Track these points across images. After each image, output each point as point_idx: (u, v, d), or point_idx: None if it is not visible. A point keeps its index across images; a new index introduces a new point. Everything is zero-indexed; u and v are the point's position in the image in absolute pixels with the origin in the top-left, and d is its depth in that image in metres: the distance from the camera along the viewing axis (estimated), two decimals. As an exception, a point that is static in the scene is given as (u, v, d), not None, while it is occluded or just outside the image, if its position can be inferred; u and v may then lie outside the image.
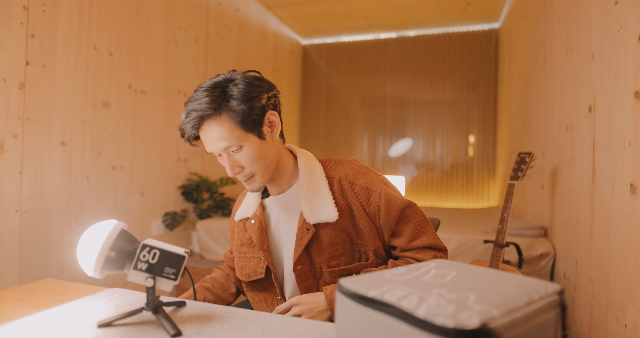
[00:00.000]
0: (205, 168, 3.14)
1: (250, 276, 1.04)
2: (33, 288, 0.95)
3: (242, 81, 0.91)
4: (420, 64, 4.65)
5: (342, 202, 0.96)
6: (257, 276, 1.03)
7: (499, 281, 0.52)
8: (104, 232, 0.73)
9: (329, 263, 0.95)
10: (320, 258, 0.95)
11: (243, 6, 3.68)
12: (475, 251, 2.24)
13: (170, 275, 0.75)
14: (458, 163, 4.53)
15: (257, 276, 1.02)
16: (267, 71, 4.20)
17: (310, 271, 0.96)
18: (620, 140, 1.31)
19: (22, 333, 0.69)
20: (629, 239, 1.23)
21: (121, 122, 2.30)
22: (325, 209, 0.94)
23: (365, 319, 0.50)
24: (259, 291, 1.06)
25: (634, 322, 1.19)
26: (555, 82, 2.12)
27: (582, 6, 1.69)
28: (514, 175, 2.01)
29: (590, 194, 1.57)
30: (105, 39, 2.17)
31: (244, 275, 1.05)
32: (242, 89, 0.89)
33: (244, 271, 1.05)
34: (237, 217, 1.08)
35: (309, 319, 0.85)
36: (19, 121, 1.74)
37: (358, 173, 0.99)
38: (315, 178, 0.98)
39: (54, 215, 1.91)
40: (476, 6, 3.92)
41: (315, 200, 0.95)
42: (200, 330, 0.72)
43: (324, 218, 0.93)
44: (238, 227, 1.09)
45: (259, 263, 1.02)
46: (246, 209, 1.06)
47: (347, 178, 0.99)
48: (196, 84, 3.00)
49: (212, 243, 2.69)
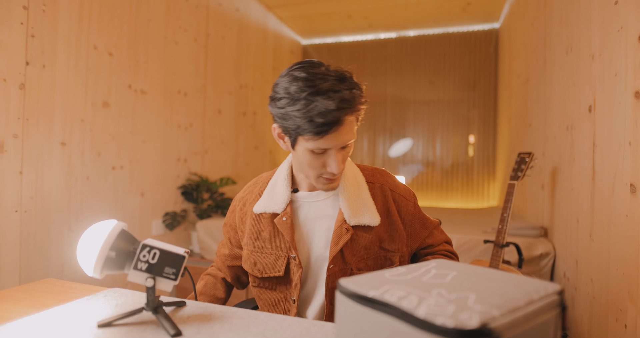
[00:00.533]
0: (205, 168, 3.14)
1: (264, 273, 1.00)
2: (33, 288, 0.95)
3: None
4: (420, 64, 4.65)
5: (381, 208, 0.99)
6: (274, 273, 0.99)
7: (499, 281, 0.52)
8: (104, 232, 0.73)
9: (358, 265, 0.96)
10: (352, 260, 0.95)
11: (243, 6, 3.68)
12: (475, 251, 2.24)
13: (170, 275, 0.75)
14: (458, 163, 4.54)
15: (275, 273, 0.98)
16: (267, 71, 4.20)
17: (341, 271, 0.95)
18: (620, 140, 1.31)
19: (22, 333, 0.69)
20: (629, 239, 1.23)
21: (121, 122, 2.30)
22: (367, 213, 0.95)
23: (365, 319, 0.50)
24: (268, 288, 1.02)
25: (634, 322, 1.19)
26: (555, 82, 2.12)
27: (582, 6, 1.69)
28: (514, 175, 2.01)
29: (590, 194, 1.57)
30: (105, 39, 2.18)
31: (257, 270, 1.01)
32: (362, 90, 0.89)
33: (258, 266, 1.01)
34: (259, 209, 1.01)
35: (309, 319, 0.85)
36: (19, 121, 1.74)
37: (395, 182, 1.06)
38: (357, 182, 1.00)
39: (54, 215, 1.91)
40: (476, 6, 3.92)
41: (358, 203, 0.96)
42: (200, 330, 0.72)
43: (367, 221, 0.95)
44: (253, 219, 1.03)
45: (277, 260, 0.98)
46: (271, 203, 1.00)
47: (387, 185, 1.03)
48: (196, 84, 3.00)
49: (212, 243, 2.69)
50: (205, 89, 3.13)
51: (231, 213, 1.12)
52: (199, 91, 3.04)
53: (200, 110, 3.07)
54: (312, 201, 1.01)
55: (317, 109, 0.80)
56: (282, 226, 0.97)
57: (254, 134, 3.93)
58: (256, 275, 1.02)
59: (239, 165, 3.65)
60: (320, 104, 0.80)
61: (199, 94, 3.04)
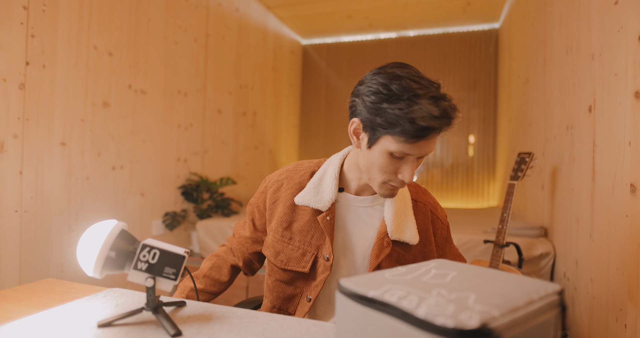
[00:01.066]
0: (205, 168, 3.14)
1: (288, 265, 0.97)
2: (33, 288, 0.95)
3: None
4: (420, 64, 4.64)
5: (421, 227, 0.98)
6: (299, 268, 0.96)
7: (499, 281, 0.52)
8: (104, 232, 0.73)
9: None
10: None
11: (243, 6, 3.68)
12: (475, 251, 2.24)
13: (170, 275, 0.75)
14: (458, 163, 4.54)
15: (300, 268, 0.95)
16: (267, 71, 4.20)
17: None
18: (620, 140, 1.31)
19: (22, 333, 0.69)
20: (629, 239, 1.23)
21: (121, 122, 2.30)
22: (409, 231, 0.95)
23: (365, 319, 0.50)
24: (285, 281, 0.99)
25: (634, 322, 1.19)
26: (555, 82, 2.12)
27: (582, 6, 1.69)
28: (514, 175, 2.01)
29: (590, 194, 1.57)
30: (105, 39, 2.18)
31: (279, 260, 0.98)
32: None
33: (281, 256, 0.98)
34: (302, 201, 0.96)
35: (309, 319, 0.85)
36: (19, 121, 1.74)
37: (436, 203, 1.06)
38: (404, 197, 0.98)
39: (54, 215, 1.91)
40: (476, 6, 3.92)
41: (402, 218, 0.95)
42: (200, 330, 0.72)
43: (407, 239, 0.94)
44: (287, 207, 0.99)
45: (304, 256, 0.96)
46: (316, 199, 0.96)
47: (429, 205, 1.02)
48: (196, 84, 3.00)
49: (212, 243, 2.69)
50: (205, 89, 3.13)
51: (260, 194, 1.06)
52: (199, 91, 3.04)
53: (200, 110, 3.07)
54: (357, 205, 0.98)
55: (420, 112, 0.77)
56: (325, 226, 0.94)
57: (254, 134, 3.93)
58: (278, 265, 0.98)
59: (239, 165, 3.65)
60: (425, 108, 0.77)
61: (199, 94, 3.04)
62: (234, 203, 3.21)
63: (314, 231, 0.96)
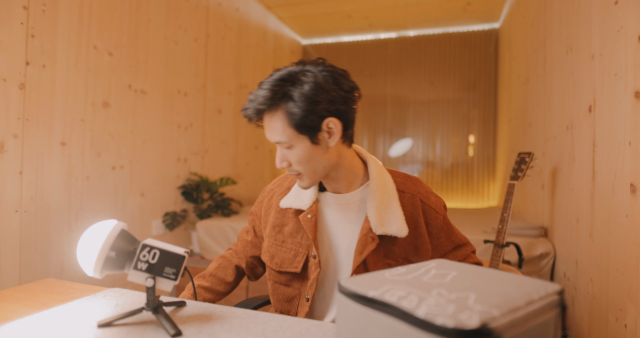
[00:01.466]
0: (205, 168, 3.14)
1: (282, 267, 0.99)
2: (33, 288, 0.95)
3: (312, 80, 0.84)
4: (420, 64, 4.65)
5: (409, 219, 0.95)
6: (291, 269, 0.98)
7: (499, 281, 0.52)
8: (104, 232, 0.73)
9: None
10: (374, 269, 0.93)
11: (243, 6, 3.68)
12: (476, 251, 2.24)
13: (170, 275, 0.75)
14: (458, 163, 4.54)
15: (292, 269, 0.98)
16: (267, 70, 4.20)
17: None
18: (620, 140, 1.31)
19: (22, 333, 0.69)
20: (629, 239, 1.23)
21: (121, 122, 2.30)
22: (395, 224, 0.92)
23: (365, 319, 0.50)
24: (283, 284, 1.01)
25: (634, 322, 1.19)
26: (555, 82, 2.12)
27: (582, 6, 1.69)
28: (514, 175, 2.01)
29: (590, 194, 1.57)
30: (105, 39, 2.18)
31: (275, 263, 1.01)
32: (306, 92, 0.83)
33: (276, 259, 1.01)
34: (285, 204, 1.00)
35: (309, 319, 0.85)
36: (19, 121, 1.74)
37: (428, 192, 1.01)
38: (387, 189, 0.96)
39: (54, 215, 1.91)
40: (476, 6, 3.92)
41: (387, 212, 0.93)
42: (200, 330, 0.72)
43: (394, 232, 0.91)
44: (278, 212, 1.03)
45: (296, 256, 0.98)
46: (298, 200, 0.99)
47: (418, 195, 0.99)
48: (196, 84, 3.00)
49: (212, 243, 2.69)
50: (205, 89, 3.13)
51: (259, 203, 1.12)
52: (199, 91, 3.04)
53: (200, 110, 3.07)
54: (338, 203, 0.99)
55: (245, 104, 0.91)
56: (306, 224, 0.95)
57: (254, 134, 3.93)
58: (274, 268, 1.01)
59: (239, 165, 3.65)
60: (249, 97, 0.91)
61: (199, 94, 3.04)
62: (234, 203, 3.21)
63: (302, 231, 0.98)
